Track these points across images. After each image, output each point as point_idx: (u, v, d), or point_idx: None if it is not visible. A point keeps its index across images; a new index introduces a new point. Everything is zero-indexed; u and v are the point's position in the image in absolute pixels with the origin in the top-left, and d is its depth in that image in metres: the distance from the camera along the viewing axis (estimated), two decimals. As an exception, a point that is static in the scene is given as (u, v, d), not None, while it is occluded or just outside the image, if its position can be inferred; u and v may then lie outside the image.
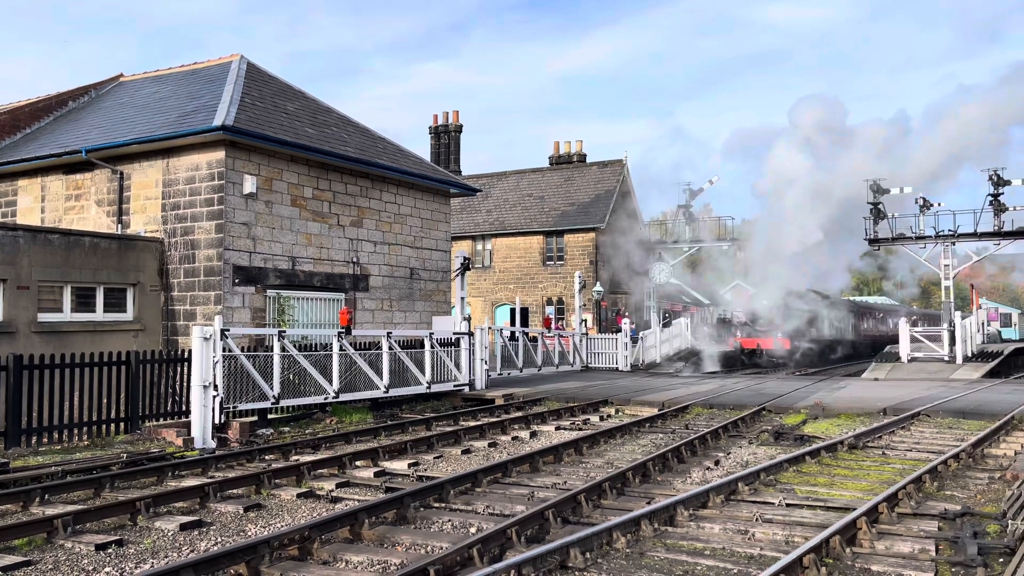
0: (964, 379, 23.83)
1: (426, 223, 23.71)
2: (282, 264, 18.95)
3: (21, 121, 22.85)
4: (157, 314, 18.11)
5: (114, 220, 19.10)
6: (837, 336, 45.66)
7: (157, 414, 14.73)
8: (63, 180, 20.14)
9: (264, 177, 18.64)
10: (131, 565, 6.95)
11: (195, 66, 23.06)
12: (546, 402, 19.38)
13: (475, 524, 8.05)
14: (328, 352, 16.28)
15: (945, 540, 7.32)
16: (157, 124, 19.15)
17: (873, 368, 28.40)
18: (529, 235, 41.16)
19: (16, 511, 8.82)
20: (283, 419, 15.81)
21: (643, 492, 9.52)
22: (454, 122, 46.33)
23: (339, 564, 6.96)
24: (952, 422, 15.38)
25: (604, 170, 43.18)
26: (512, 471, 10.59)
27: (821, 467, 11.05)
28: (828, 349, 42.52)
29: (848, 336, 47.90)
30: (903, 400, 17.71)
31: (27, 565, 6.88)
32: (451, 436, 13.74)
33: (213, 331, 13.63)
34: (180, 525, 8.05)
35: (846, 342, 46.80)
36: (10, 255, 15.51)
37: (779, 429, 14.33)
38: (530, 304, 40.28)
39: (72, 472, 10.47)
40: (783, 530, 7.73)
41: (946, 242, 36.32)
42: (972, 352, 29.15)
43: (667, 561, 6.89)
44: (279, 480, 10.12)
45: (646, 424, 15.39)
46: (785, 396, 19.24)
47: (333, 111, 23.05)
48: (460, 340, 20.29)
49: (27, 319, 15.62)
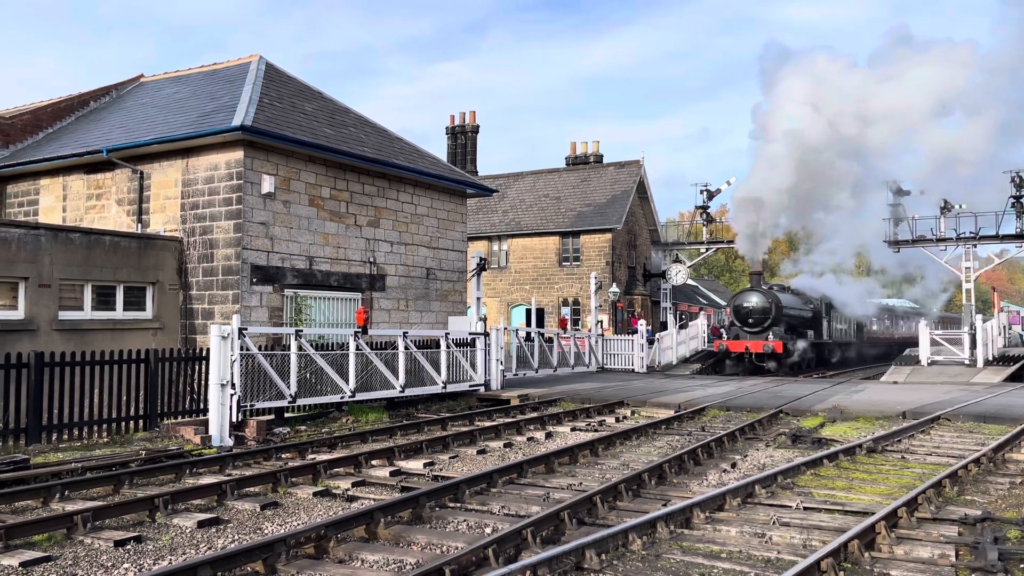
0: (985, 383, 23.57)
1: (442, 223, 23.75)
2: (299, 264, 19.04)
3: (43, 121, 23.11)
4: (176, 313, 18.25)
5: (134, 219, 19.28)
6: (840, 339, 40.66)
7: (175, 412, 14.85)
8: (84, 180, 20.36)
9: (282, 177, 18.75)
10: (149, 561, 7.00)
11: (215, 67, 23.23)
12: (561, 403, 19.35)
13: (490, 524, 8.05)
14: (344, 351, 16.35)
15: (965, 545, 7.24)
16: (177, 124, 19.31)
17: (892, 371, 28.13)
18: (545, 236, 41.14)
19: (37, 507, 8.92)
20: (300, 418, 15.89)
21: (659, 494, 9.48)
22: (471, 122, 46.42)
23: (355, 563, 6.97)
24: (973, 426, 15.21)
25: (621, 171, 43.09)
26: (527, 472, 10.58)
27: (839, 470, 10.96)
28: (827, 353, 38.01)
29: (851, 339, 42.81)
30: (923, 404, 17.54)
31: (47, 560, 6.95)
32: (466, 436, 13.75)
33: (231, 330, 13.72)
34: (198, 522, 8.11)
35: (849, 345, 42.10)
36: (32, 254, 15.70)
37: (796, 432, 14.23)
38: (546, 305, 40.26)
39: (92, 469, 10.57)
40: (801, 533, 7.67)
41: (967, 244, 36.00)
42: (993, 356, 28.80)
43: (683, 564, 6.86)
44: (295, 479, 10.16)
45: (662, 426, 15.33)
46: (803, 399, 19.11)
47: (351, 111, 23.15)
48: (476, 340, 20.31)
49: (48, 317, 15.80)
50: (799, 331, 34.21)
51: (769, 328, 31.60)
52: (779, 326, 32.04)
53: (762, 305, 31.94)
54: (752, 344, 31.15)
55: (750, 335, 31.87)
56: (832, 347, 38.71)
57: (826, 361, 37.28)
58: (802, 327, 34.72)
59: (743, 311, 32.24)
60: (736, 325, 32.62)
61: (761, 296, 32.22)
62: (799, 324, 34.47)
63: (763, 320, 31.80)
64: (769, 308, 31.78)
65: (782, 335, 31.88)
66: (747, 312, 32.12)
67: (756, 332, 31.81)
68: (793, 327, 33.72)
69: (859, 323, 43.68)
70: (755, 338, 31.56)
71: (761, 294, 32.29)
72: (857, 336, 43.62)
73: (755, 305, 32.07)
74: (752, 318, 32.01)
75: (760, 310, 31.93)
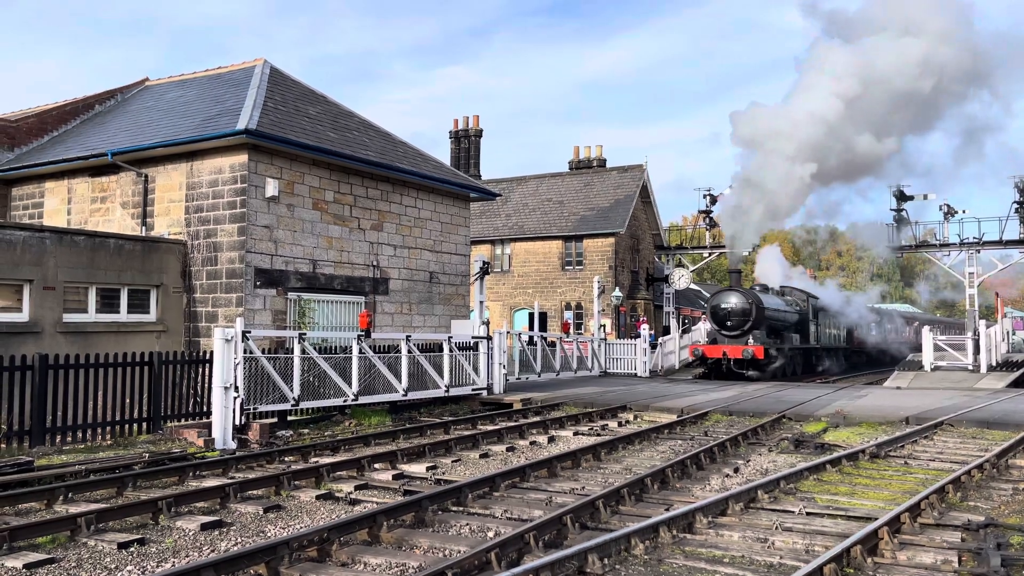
0: (988, 388, 23.51)
1: (446, 227, 23.78)
2: (303, 267, 19.08)
3: (48, 124, 23.19)
4: (179, 315, 18.29)
5: (138, 222, 19.33)
6: (830, 344, 37.84)
7: (179, 414, 14.87)
8: (89, 182, 20.42)
9: (286, 180, 18.79)
10: (153, 564, 7.02)
11: (219, 70, 23.31)
12: (564, 407, 19.35)
13: (493, 528, 8.06)
14: (348, 355, 16.37)
15: (968, 551, 7.23)
16: (181, 128, 19.37)
17: (896, 376, 28.08)
18: (548, 240, 41.16)
19: (40, 509, 8.93)
20: (302, 421, 15.90)
21: (662, 499, 9.48)
22: (474, 126, 46.48)
23: (357, 566, 6.98)
24: (976, 432, 15.18)
25: (624, 175, 43.12)
26: (530, 475, 10.59)
27: (842, 476, 10.95)
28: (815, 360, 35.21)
29: (842, 344, 39.99)
30: (926, 409, 17.51)
31: (51, 563, 6.96)
32: (469, 440, 13.76)
33: (234, 333, 13.75)
34: (201, 525, 8.12)
35: (840, 351, 39.30)
36: (37, 256, 15.75)
37: (799, 437, 14.21)
38: (549, 309, 40.26)
39: (95, 471, 10.59)
40: (803, 539, 7.66)
41: (971, 249, 35.97)
42: (997, 361, 28.76)
43: (686, 568, 6.86)
44: (298, 481, 10.18)
45: (665, 430, 15.33)
46: (806, 404, 19.09)
47: (354, 115, 23.20)
48: (479, 344, 20.33)
49: (53, 319, 15.84)
50: (784, 335, 31.55)
51: (749, 332, 28.73)
52: (760, 330, 29.21)
53: (741, 306, 28.88)
54: (730, 349, 28.43)
55: (728, 339, 29.01)
56: (820, 353, 36.12)
57: (813, 368, 34.67)
58: (787, 331, 32.00)
59: (721, 313, 29.38)
60: (714, 328, 29.89)
61: (740, 296, 29.20)
62: (784, 328, 31.75)
63: (743, 323, 28.80)
64: (749, 310, 28.78)
65: (764, 340, 29.13)
66: (725, 314, 29.22)
67: (735, 336, 28.93)
68: (777, 331, 31.05)
69: (851, 328, 41.26)
70: (734, 343, 28.76)
71: (740, 294, 29.26)
72: (848, 341, 41.09)
73: (734, 306, 29.04)
74: (731, 321, 29.06)
75: (739, 312, 28.89)
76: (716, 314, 29.63)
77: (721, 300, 29.68)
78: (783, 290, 33.98)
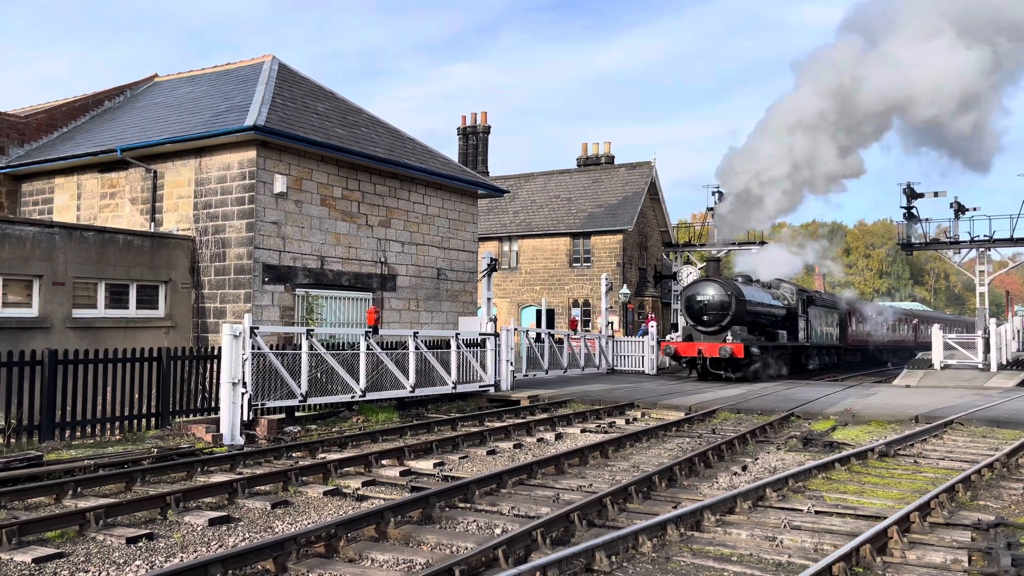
0: (999, 387, 23.39)
1: (453, 224, 23.77)
2: (311, 263, 19.10)
3: (58, 120, 23.27)
4: (188, 311, 18.34)
5: (147, 218, 19.39)
6: (821, 341, 34.01)
7: (187, 410, 14.92)
8: (98, 178, 20.48)
9: (294, 177, 18.81)
10: (161, 559, 7.04)
11: (228, 67, 23.33)
12: (571, 404, 19.33)
13: (500, 525, 8.05)
14: (355, 351, 16.39)
15: (978, 551, 7.19)
16: (190, 124, 19.40)
17: (905, 374, 27.94)
18: (556, 237, 41.11)
19: (50, 504, 8.98)
20: (310, 417, 15.93)
21: (669, 496, 9.45)
22: (482, 123, 46.44)
23: (365, 562, 6.99)
24: (986, 431, 15.09)
25: (632, 172, 43.02)
26: (537, 473, 10.58)
27: (851, 474, 10.90)
28: (804, 359, 31.78)
29: (835, 342, 36.33)
30: (936, 408, 17.43)
31: (60, 557, 6.99)
32: (476, 437, 13.75)
33: (243, 329, 13.77)
34: (209, 520, 8.14)
35: (830, 350, 35.70)
36: (46, 252, 15.81)
37: (808, 435, 14.16)
38: (556, 306, 40.23)
39: (104, 466, 10.63)
40: (812, 537, 7.63)
41: (981, 247, 35.75)
42: (1007, 360, 28.60)
43: (693, 566, 6.84)
44: (306, 477, 10.19)
45: (672, 428, 15.29)
46: (814, 402, 19.02)
47: (363, 112, 23.20)
48: (486, 341, 20.32)
49: (62, 315, 15.91)
50: (768, 332, 28.14)
51: (728, 328, 25.47)
52: (741, 325, 25.85)
53: (719, 299, 25.42)
54: (706, 347, 25.08)
55: (705, 336, 25.74)
56: (810, 351, 32.48)
57: (803, 368, 31.32)
58: (772, 327, 28.51)
59: (696, 306, 25.85)
60: (689, 324, 26.46)
61: (718, 288, 25.61)
62: (768, 323, 28.25)
63: (720, 317, 25.46)
64: (728, 303, 25.34)
65: (745, 336, 25.80)
66: (701, 307, 25.71)
67: (712, 332, 25.61)
68: (760, 326, 27.56)
69: (845, 324, 38.13)
70: (710, 339, 25.47)
71: (719, 285, 25.72)
72: (842, 339, 37.59)
73: (711, 299, 25.51)
74: (707, 315, 25.60)
75: (716, 305, 25.44)
76: (691, 307, 26.13)
77: (696, 292, 26.10)
78: (772, 283, 30.49)
